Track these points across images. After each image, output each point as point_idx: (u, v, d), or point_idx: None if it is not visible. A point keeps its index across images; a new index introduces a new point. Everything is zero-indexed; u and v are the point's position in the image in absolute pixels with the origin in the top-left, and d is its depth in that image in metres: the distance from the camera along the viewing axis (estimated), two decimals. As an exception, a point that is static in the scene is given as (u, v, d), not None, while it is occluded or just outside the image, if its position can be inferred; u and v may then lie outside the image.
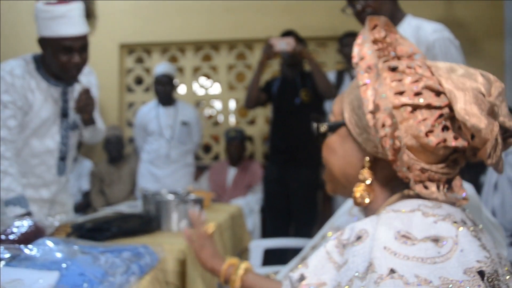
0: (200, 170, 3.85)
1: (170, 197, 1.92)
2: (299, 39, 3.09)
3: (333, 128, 0.80)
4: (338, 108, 0.80)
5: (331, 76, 3.38)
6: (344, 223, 1.08)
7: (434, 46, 1.65)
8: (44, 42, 1.80)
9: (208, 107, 4.37)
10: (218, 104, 4.32)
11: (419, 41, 1.68)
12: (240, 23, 4.00)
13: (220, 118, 4.28)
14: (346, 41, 3.27)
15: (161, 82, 3.45)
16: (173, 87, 3.53)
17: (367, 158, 0.74)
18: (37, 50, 1.89)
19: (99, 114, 2.19)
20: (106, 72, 4.13)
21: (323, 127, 0.80)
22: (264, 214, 3.35)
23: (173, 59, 4.27)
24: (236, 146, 3.62)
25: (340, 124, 0.78)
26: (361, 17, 1.90)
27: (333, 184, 0.84)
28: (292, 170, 3.03)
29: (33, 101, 1.82)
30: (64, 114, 1.92)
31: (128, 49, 4.26)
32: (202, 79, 4.34)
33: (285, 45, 2.88)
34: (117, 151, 3.77)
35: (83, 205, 3.74)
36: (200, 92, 4.30)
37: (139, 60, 4.29)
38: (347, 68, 3.38)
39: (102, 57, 4.12)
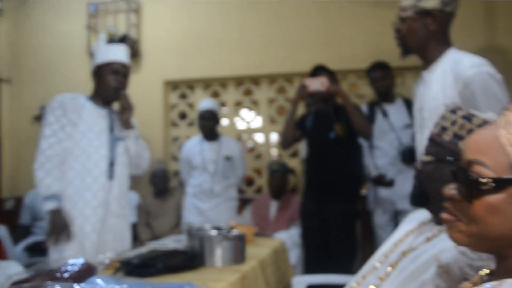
0: (243, 203, 3.89)
1: (213, 233, 1.96)
2: (330, 73, 3.09)
3: (503, 185, 0.66)
4: (499, 158, 0.66)
5: (363, 109, 3.34)
6: (453, 261, 1.01)
7: (472, 81, 1.60)
8: (98, 70, 2.31)
9: (250, 140, 4.43)
10: (260, 137, 4.38)
11: (457, 77, 1.64)
12: (279, 57, 4.08)
13: (262, 151, 4.33)
14: (375, 74, 3.24)
15: (205, 118, 3.53)
16: (216, 123, 3.59)
17: None
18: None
19: (145, 143, 2.51)
20: (151, 108, 4.30)
21: (488, 184, 0.66)
22: (306, 248, 3.32)
23: (215, 94, 4.40)
24: (279, 179, 3.65)
25: None
26: (396, 37, 1.88)
27: (479, 242, 0.70)
28: (328, 204, 2.99)
29: (82, 113, 2.26)
30: (111, 129, 2.34)
31: (172, 85, 4.42)
32: (244, 113, 4.43)
33: (318, 85, 2.88)
34: (163, 184, 3.87)
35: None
36: (242, 125, 4.38)
37: (183, 96, 4.44)
38: (378, 101, 3.32)
39: (147, 93, 4.30)
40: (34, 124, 4.47)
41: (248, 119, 4.39)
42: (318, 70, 3.09)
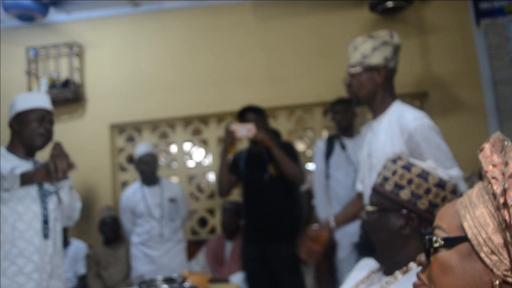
0: (197, 245, 3.82)
1: (165, 287, 1.90)
2: (260, 112, 3.04)
3: (452, 243, 0.70)
4: (452, 222, 0.71)
5: (321, 144, 3.40)
6: None
7: (415, 133, 1.80)
8: (18, 118, 2.12)
9: (203, 180, 4.39)
10: (212, 176, 4.35)
11: (402, 129, 1.82)
12: (227, 96, 4.11)
13: (215, 191, 4.29)
14: (338, 108, 3.33)
15: (145, 162, 3.48)
16: (157, 166, 3.56)
17: (497, 282, 0.65)
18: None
19: (76, 193, 2.31)
20: (97, 153, 4.19)
21: (438, 242, 0.70)
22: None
23: (163, 135, 4.35)
24: (232, 219, 3.61)
25: (462, 240, 0.69)
26: (347, 91, 2.06)
27: None
28: (271, 246, 2.93)
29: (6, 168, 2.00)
30: (39, 183, 2.10)
31: (119, 128, 4.34)
32: (194, 152, 4.40)
33: (245, 131, 2.82)
34: (113, 232, 3.74)
35: (80, 291, 3.67)
36: (192, 165, 4.34)
37: (130, 139, 4.36)
38: (337, 135, 3.41)
39: (93, 138, 4.19)
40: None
41: (199, 158, 4.36)
42: (246, 111, 3.03)
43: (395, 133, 1.84)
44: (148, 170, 3.50)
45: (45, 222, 2.07)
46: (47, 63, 4.31)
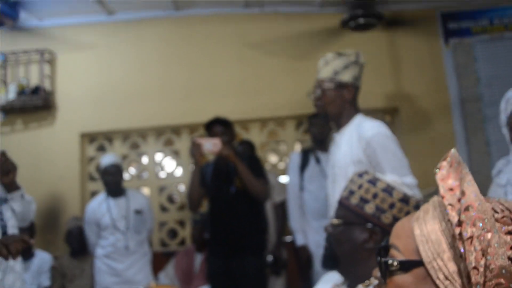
0: (166, 256, 3.77)
1: (130, 300, 1.86)
2: (227, 124, 3.01)
3: (407, 267, 0.70)
4: (408, 243, 0.71)
5: (296, 157, 3.42)
6: None
7: (372, 141, 1.88)
8: None
9: (174, 191, 4.35)
10: (183, 188, 4.31)
11: (361, 137, 1.90)
12: (200, 107, 4.09)
13: (185, 202, 4.26)
14: (315, 121, 3.37)
15: (110, 173, 3.43)
16: (121, 177, 3.52)
17: None
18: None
19: (29, 196, 2.20)
20: (67, 162, 4.11)
21: (394, 265, 0.70)
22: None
23: (134, 145, 4.30)
24: (201, 230, 3.58)
25: (417, 265, 0.69)
26: (314, 104, 2.10)
27: None
28: (236, 260, 2.89)
29: None
30: None
31: (89, 137, 4.27)
32: (166, 163, 4.36)
33: (211, 146, 2.78)
34: (79, 243, 3.64)
35: (44, 304, 3.56)
36: (163, 175, 4.29)
37: (101, 148, 4.29)
38: (312, 148, 3.43)
39: (62, 146, 4.11)
40: None
41: (170, 169, 4.32)
42: (214, 124, 3.00)
43: (354, 142, 1.93)
44: (113, 181, 3.44)
45: (4, 233, 1.97)
46: (16, 69, 4.22)
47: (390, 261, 0.70)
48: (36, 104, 4.07)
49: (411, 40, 4.10)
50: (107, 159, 3.50)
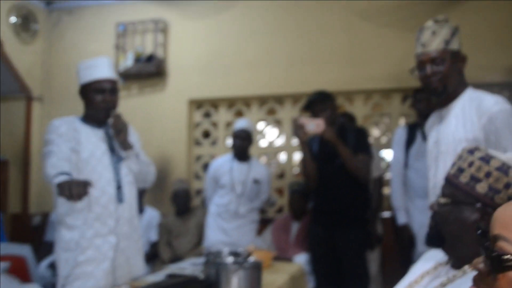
0: (264, 223, 3.87)
1: (230, 260, 1.95)
2: (328, 101, 2.96)
3: None
4: None
5: (402, 132, 3.27)
6: None
7: (496, 117, 1.75)
8: (83, 90, 2.18)
9: (274, 159, 4.42)
10: (283, 157, 4.37)
11: (481, 113, 1.77)
12: (304, 77, 4.08)
13: (285, 170, 4.32)
14: (419, 96, 3.18)
15: (239, 137, 3.48)
16: (250, 143, 3.55)
17: None
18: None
19: (146, 157, 2.36)
20: (175, 127, 4.36)
21: (510, 260, 0.65)
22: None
23: (238, 113, 4.42)
24: (299, 200, 3.61)
25: None
26: (427, 81, 1.91)
27: None
28: (339, 231, 2.93)
29: (80, 138, 2.11)
30: (112, 150, 2.21)
31: (197, 104, 4.47)
32: (267, 131, 4.44)
33: (314, 126, 2.78)
34: (184, 204, 3.88)
35: (151, 256, 3.86)
36: (265, 144, 4.38)
37: (207, 115, 4.48)
38: (419, 124, 3.23)
39: (172, 112, 4.36)
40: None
41: (271, 138, 4.39)
42: (317, 96, 2.98)
43: (470, 118, 1.80)
44: (240, 145, 3.49)
45: (119, 187, 2.16)
46: (134, 38, 4.52)
47: (505, 257, 0.64)
48: (150, 71, 4.34)
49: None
50: (239, 124, 3.56)
